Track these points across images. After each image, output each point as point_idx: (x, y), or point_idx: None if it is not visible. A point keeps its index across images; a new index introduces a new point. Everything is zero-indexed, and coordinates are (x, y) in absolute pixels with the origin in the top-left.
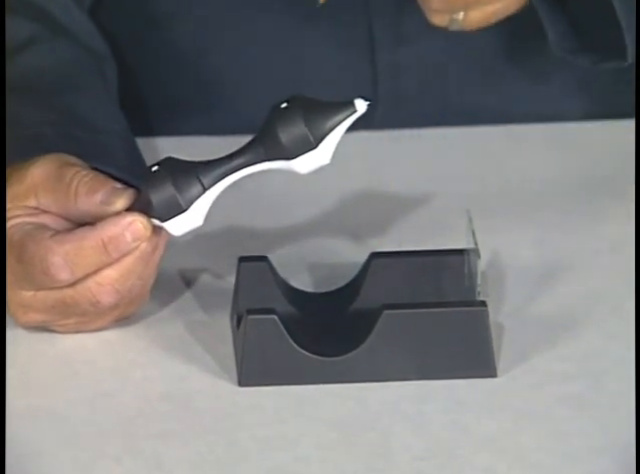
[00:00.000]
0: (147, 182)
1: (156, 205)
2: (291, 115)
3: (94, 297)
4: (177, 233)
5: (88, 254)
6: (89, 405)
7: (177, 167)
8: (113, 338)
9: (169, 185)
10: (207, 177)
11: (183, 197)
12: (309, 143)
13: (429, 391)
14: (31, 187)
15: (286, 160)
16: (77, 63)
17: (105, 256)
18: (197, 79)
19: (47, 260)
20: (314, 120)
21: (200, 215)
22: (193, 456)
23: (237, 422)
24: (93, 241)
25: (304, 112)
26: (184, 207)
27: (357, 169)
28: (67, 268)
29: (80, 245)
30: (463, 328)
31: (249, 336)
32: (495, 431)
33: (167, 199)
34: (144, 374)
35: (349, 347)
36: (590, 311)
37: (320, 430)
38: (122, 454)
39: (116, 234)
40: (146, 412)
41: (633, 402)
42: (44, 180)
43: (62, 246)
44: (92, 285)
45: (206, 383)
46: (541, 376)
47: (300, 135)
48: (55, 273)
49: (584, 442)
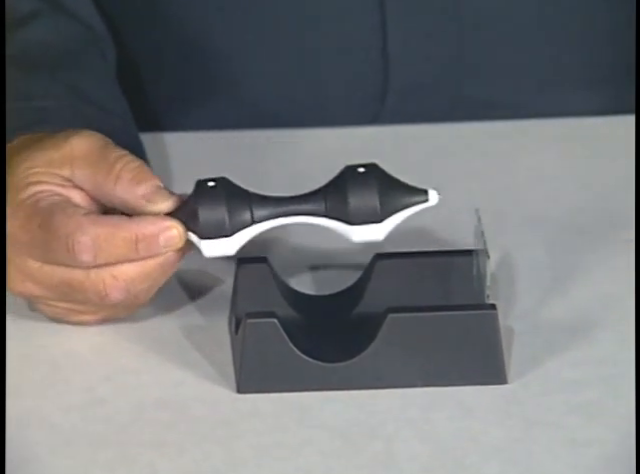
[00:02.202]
0: (199, 196)
1: (202, 221)
2: (366, 182)
3: (104, 289)
4: (208, 254)
5: (117, 244)
6: (81, 412)
7: (233, 190)
8: (106, 343)
9: (222, 206)
10: (260, 211)
11: (231, 223)
12: (376, 216)
13: (436, 398)
14: (68, 156)
15: (345, 224)
16: (78, 40)
17: (133, 252)
18: (201, 73)
19: (75, 236)
20: (388, 195)
21: (237, 245)
22: (189, 465)
23: (235, 430)
24: (127, 233)
25: (380, 184)
26: (228, 233)
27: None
28: (92, 251)
29: (113, 232)
30: (472, 332)
31: (248, 341)
32: (505, 440)
33: (215, 219)
34: (139, 380)
35: (352, 352)
36: (604, 315)
37: (322, 438)
38: (116, 463)
39: (151, 234)
40: (141, 419)
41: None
42: (85, 153)
43: (95, 227)
44: (107, 276)
45: (203, 389)
46: (553, 382)
47: (370, 206)
48: (79, 252)
49: (598, 451)
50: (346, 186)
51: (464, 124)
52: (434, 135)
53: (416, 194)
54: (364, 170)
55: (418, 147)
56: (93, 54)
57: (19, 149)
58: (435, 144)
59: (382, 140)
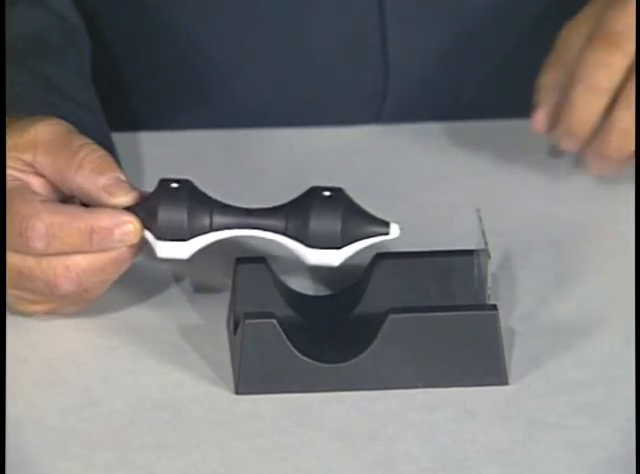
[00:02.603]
0: (161, 195)
1: (160, 222)
2: (330, 207)
3: (54, 279)
4: (161, 255)
5: (71, 234)
6: (78, 414)
7: (195, 195)
8: (103, 343)
9: (183, 209)
10: (219, 219)
11: (190, 227)
12: (335, 242)
13: (437, 399)
14: (31, 142)
15: (303, 245)
16: (50, 30)
17: (86, 243)
18: (200, 74)
19: (29, 223)
20: (350, 223)
21: (191, 250)
22: (188, 467)
23: (234, 432)
24: (82, 223)
25: (344, 211)
26: (185, 237)
27: (361, 164)
28: (45, 239)
29: (68, 222)
30: (473, 333)
31: (247, 341)
32: (506, 442)
33: (174, 221)
34: (136, 381)
35: (352, 353)
36: (607, 315)
37: (322, 440)
38: (113, 466)
39: (107, 227)
40: (138, 421)
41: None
42: (48, 139)
43: (50, 215)
44: (58, 266)
45: (201, 391)
46: (555, 383)
47: (331, 231)
48: (31, 238)
49: (601, 453)
50: (309, 208)
51: (465, 123)
52: (435, 134)
53: (378, 225)
54: (330, 194)
55: (418, 146)
56: (64, 45)
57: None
58: (435, 143)
59: (381, 139)
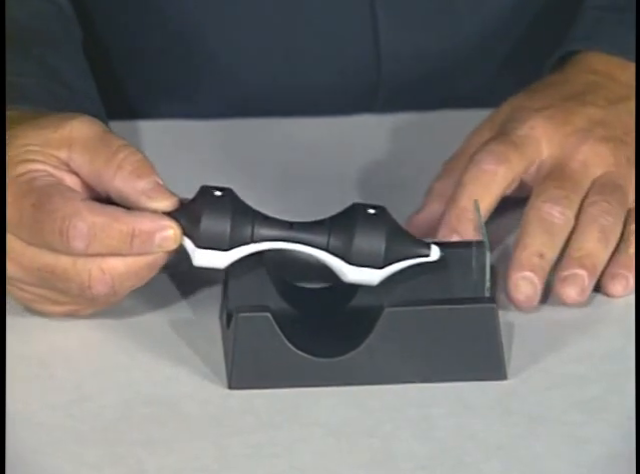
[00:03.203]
0: (203, 203)
1: (202, 230)
2: (376, 226)
3: (88, 281)
4: (197, 263)
5: (113, 236)
6: (68, 410)
7: (238, 205)
8: (93, 338)
9: (227, 219)
10: (260, 230)
11: (232, 238)
12: (378, 261)
13: (434, 394)
14: (67, 139)
15: (345, 262)
16: (51, 19)
17: (126, 246)
18: (181, 63)
19: (71, 222)
20: (394, 243)
21: (229, 260)
22: (179, 464)
23: (227, 428)
24: (124, 226)
25: (389, 231)
26: (226, 247)
27: (357, 153)
28: (86, 239)
29: (110, 223)
30: (471, 327)
31: (240, 335)
32: (505, 437)
33: (217, 231)
34: (127, 376)
35: (348, 347)
36: (608, 308)
37: (317, 436)
38: (103, 462)
39: (148, 230)
40: (129, 417)
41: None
42: (85, 137)
43: (92, 215)
44: (94, 268)
45: (194, 386)
46: (555, 378)
47: (375, 250)
48: (72, 237)
49: (601, 449)
50: (354, 225)
51: (459, 111)
52: (429, 122)
53: (420, 246)
54: (374, 212)
55: (414, 135)
56: (63, 33)
57: (11, 124)
58: (431, 131)
59: (376, 128)
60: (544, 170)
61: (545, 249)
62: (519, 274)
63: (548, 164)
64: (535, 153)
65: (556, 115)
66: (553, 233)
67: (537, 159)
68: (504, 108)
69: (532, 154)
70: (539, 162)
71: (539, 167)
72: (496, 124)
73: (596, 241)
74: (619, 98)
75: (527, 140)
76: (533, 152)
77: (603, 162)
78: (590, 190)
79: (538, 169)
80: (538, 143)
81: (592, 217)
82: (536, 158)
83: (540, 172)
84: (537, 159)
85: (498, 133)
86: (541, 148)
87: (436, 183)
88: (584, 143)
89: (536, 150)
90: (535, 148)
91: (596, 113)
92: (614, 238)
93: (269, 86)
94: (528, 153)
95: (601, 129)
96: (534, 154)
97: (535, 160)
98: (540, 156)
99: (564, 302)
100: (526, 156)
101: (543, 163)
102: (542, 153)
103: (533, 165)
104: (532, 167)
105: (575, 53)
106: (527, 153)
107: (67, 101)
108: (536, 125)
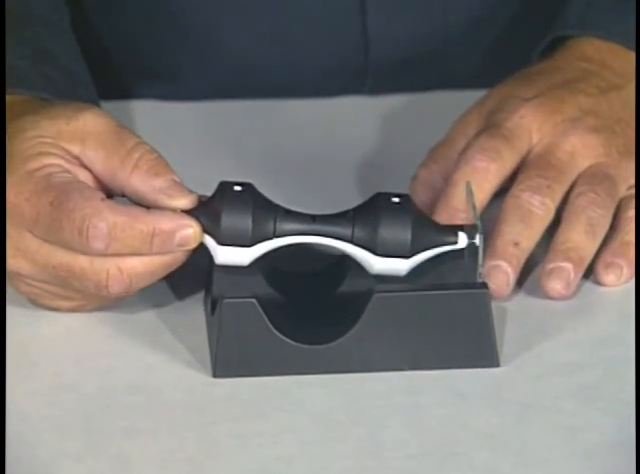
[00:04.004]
0: (223, 199)
1: (223, 227)
2: (401, 215)
3: (105, 280)
4: (220, 261)
5: (133, 236)
6: (48, 398)
7: (259, 199)
8: (74, 325)
9: (248, 215)
10: (283, 225)
11: (254, 233)
12: (405, 251)
13: (424, 382)
14: (80, 132)
15: (370, 253)
16: (42, 2)
17: (146, 246)
18: (167, 44)
19: (91, 221)
20: (420, 232)
21: (252, 256)
22: (162, 454)
23: (211, 417)
24: (144, 226)
25: (414, 219)
26: (248, 243)
27: (346, 135)
28: (107, 239)
29: (130, 223)
30: (462, 313)
31: (225, 322)
32: (497, 426)
33: (238, 227)
34: (108, 364)
35: (335, 334)
36: (601, 294)
37: (303, 425)
38: (84, 452)
39: (169, 230)
40: (111, 406)
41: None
42: (98, 132)
43: (113, 215)
44: (112, 267)
45: (177, 374)
46: (548, 365)
47: (401, 240)
48: (92, 237)
49: (596, 438)
50: (378, 215)
51: (449, 92)
52: (418, 104)
53: (447, 234)
54: (398, 201)
55: (402, 116)
56: (54, 16)
57: (19, 113)
58: (420, 113)
59: (364, 110)
60: (530, 158)
61: (521, 238)
62: (492, 263)
63: (535, 152)
64: (526, 144)
65: (546, 103)
66: (531, 222)
67: (528, 149)
68: (492, 96)
69: (523, 146)
70: (529, 151)
71: (527, 155)
72: (484, 113)
73: (583, 233)
74: (611, 86)
75: (517, 131)
76: (524, 144)
77: (592, 153)
78: (577, 181)
79: (525, 158)
80: (528, 133)
81: (579, 208)
82: (527, 149)
83: (526, 160)
84: (528, 149)
85: (487, 125)
86: (531, 137)
87: (421, 170)
88: (573, 133)
89: (527, 140)
90: (526, 139)
91: (587, 102)
92: (602, 230)
93: (255, 68)
94: (519, 146)
95: (592, 118)
96: (525, 146)
97: (525, 151)
98: (531, 146)
99: (549, 296)
100: (517, 149)
101: (530, 151)
102: (532, 143)
103: (524, 157)
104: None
105: (566, 38)
106: (518, 146)
107: (62, 84)
108: (526, 114)
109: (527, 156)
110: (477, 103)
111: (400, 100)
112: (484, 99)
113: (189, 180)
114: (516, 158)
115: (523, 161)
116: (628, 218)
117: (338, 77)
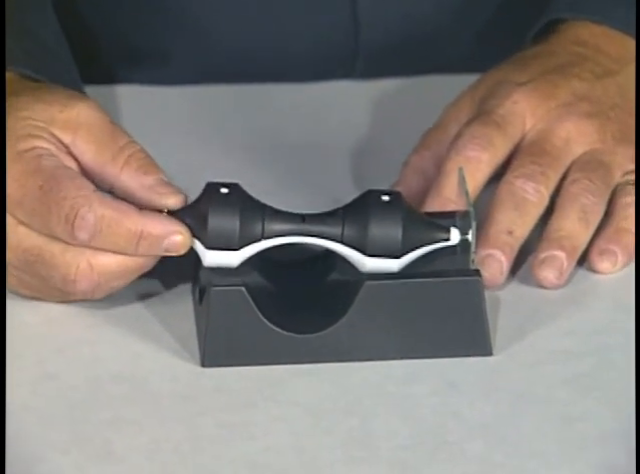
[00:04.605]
0: (210, 201)
1: (210, 230)
2: (391, 213)
3: (74, 274)
4: (208, 264)
5: (120, 233)
6: (32, 388)
7: (246, 200)
8: (58, 313)
9: (235, 217)
10: (271, 226)
11: (242, 235)
12: (396, 250)
13: (416, 371)
14: (73, 122)
15: (361, 253)
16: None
17: (131, 247)
18: (154, 28)
19: (79, 211)
20: (411, 230)
21: (239, 259)
22: (149, 445)
23: (199, 407)
24: (133, 225)
25: (404, 217)
26: (236, 246)
27: (335, 120)
28: (92, 231)
29: (119, 219)
30: (455, 300)
31: (213, 310)
32: (490, 416)
33: (226, 231)
34: (94, 353)
35: (326, 323)
36: (596, 281)
37: (294, 415)
38: (69, 443)
39: (157, 234)
40: (96, 396)
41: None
42: (91, 125)
43: (102, 208)
44: (82, 262)
45: (164, 363)
46: (542, 354)
47: (391, 239)
48: (78, 227)
49: (590, 427)
50: (368, 214)
51: (439, 76)
52: (409, 88)
53: (438, 231)
54: (388, 199)
55: (392, 100)
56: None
57: (12, 93)
58: (410, 97)
59: (354, 94)
60: (524, 144)
61: (514, 226)
62: (485, 251)
63: (528, 138)
64: (519, 131)
65: (540, 88)
66: (524, 210)
67: (521, 136)
68: (485, 81)
69: (516, 133)
70: (522, 137)
71: (520, 142)
72: (476, 98)
73: (576, 221)
74: (606, 72)
75: (510, 118)
76: (517, 130)
77: (586, 139)
78: (571, 167)
79: (519, 144)
80: (522, 118)
81: (573, 196)
82: (520, 135)
83: (520, 146)
84: (521, 136)
85: (480, 111)
86: (525, 123)
87: (413, 156)
88: (567, 119)
89: (520, 127)
90: (519, 125)
91: (581, 87)
92: (595, 218)
93: (245, 52)
94: (512, 133)
95: (586, 104)
96: (518, 132)
97: (519, 138)
98: (524, 132)
99: (541, 285)
100: (510, 136)
101: (524, 137)
102: (526, 129)
103: (517, 144)
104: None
105: (560, 22)
106: (511, 133)
107: (42, 61)
108: (519, 99)
109: (520, 142)
110: (469, 88)
111: (391, 84)
112: (477, 84)
113: (177, 166)
114: (509, 146)
115: (516, 147)
116: (624, 204)
117: (328, 61)
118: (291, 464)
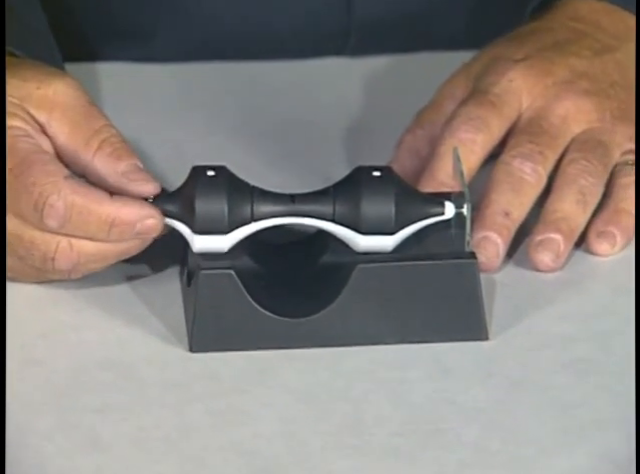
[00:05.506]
0: (196, 185)
1: (198, 215)
2: (383, 189)
3: (53, 254)
4: (198, 249)
5: (90, 221)
6: (16, 374)
7: (234, 183)
8: (43, 297)
9: (223, 201)
10: (260, 208)
11: (230, 220)
12: (389, 227)
13: (410, 356)
14: (48, 101)
15: (354, 231)
16: None
17: (103, 234)
18: (139, 3)
19: (48, 199)
20: (404, 205)
21: (230, 243)
22: (136, 432)
23: (188, 393)
24: (104, 213)
25: (397, 193)
26: (225, 230)
27: (326, 98)
28: (62, 219)
29: (90, 207)
30: (449, 284)
31: (202, 294)
32: (486, 402)
33: (213, 214)
34: (79, 338)
35: (318, 306)
36: (594, 263)
37: (284, 402)
38: (54, 430)
39: (129, 221)
40: (82, 382)
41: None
42: (68, 106)
43: (73, 195)
44: (62, 241)
45: (152, 349)
46: (539, 339)
47: (384, 215)
48: (47, 215)
49: (588, 414)
50: (359, 191)
51: (432, 54)
52: (401, 65)
53: (432, 205)
54: (379, 174)
55: (384, 78)
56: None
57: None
58: (402, 75)
59: (345, 71)
60: (521, 123)
61: (511, 208)
62: (481, 234)
63: (526, 117)
64: (515, 110)
65: (537, 65)
66: (521, 191)
67: (517, 115)
68: (481, 58)
69: (512, 112)
70: (518, 117)
71: (517, 120)
72: (472, 76)
73: (574, 203)
74: (605, 48)
75: (506, 96)
76: (513, 110)
77: (585, 118)
78: (570, 147)
79: (516, 123)
80: (518, 97)
81: (570, 177)
82: (516, 115)
83: (517, 125)
84: (517, 115)
85: (475, 89)
86: (521, 102)
87: (406, 135)
88: (566, 96)
89: (516, 106)
90: (515, 104)
91: (580, 64)
92: (594, 199)
93: (233, 28)
94: (507, 112)
95: (585, 81)
96: (514, 112)
97: (515, 117)
98: (520, 111)
99: (538, 268)
100: (506, 116)
101: (520, 116)
102: (522, 108)
103: (513, 123)
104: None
105: None
106: (506, 113)
107: (26, 40)
108: (515, 77)
109: (517, 121)
110: (465, 65)
111: (384, 62)
112: (472, 61)
113: (162, 146)
114: (505, 126)
115: (513, 126)
116: (623, 185)
117: (320, 38)
118: (282, 451)
